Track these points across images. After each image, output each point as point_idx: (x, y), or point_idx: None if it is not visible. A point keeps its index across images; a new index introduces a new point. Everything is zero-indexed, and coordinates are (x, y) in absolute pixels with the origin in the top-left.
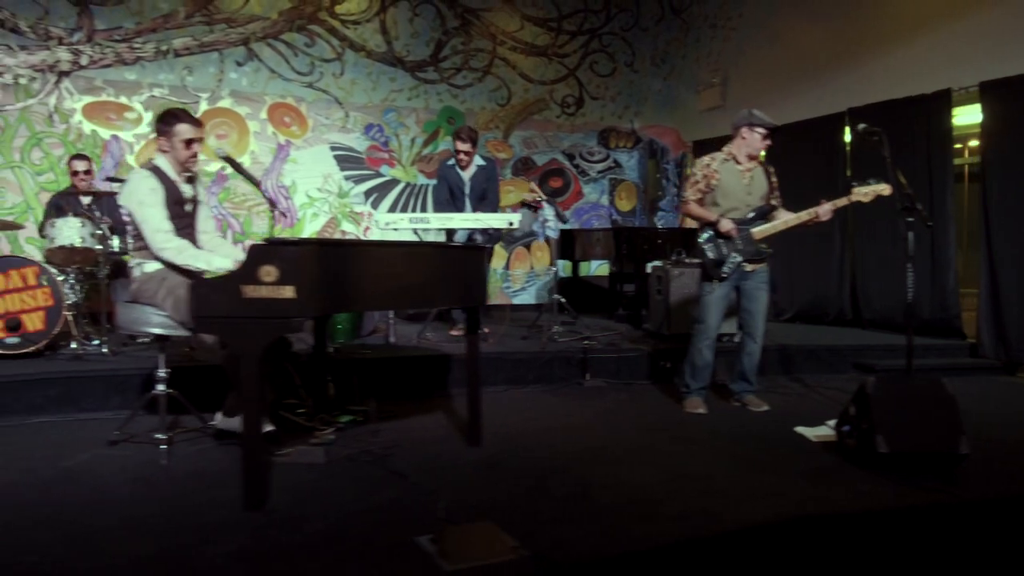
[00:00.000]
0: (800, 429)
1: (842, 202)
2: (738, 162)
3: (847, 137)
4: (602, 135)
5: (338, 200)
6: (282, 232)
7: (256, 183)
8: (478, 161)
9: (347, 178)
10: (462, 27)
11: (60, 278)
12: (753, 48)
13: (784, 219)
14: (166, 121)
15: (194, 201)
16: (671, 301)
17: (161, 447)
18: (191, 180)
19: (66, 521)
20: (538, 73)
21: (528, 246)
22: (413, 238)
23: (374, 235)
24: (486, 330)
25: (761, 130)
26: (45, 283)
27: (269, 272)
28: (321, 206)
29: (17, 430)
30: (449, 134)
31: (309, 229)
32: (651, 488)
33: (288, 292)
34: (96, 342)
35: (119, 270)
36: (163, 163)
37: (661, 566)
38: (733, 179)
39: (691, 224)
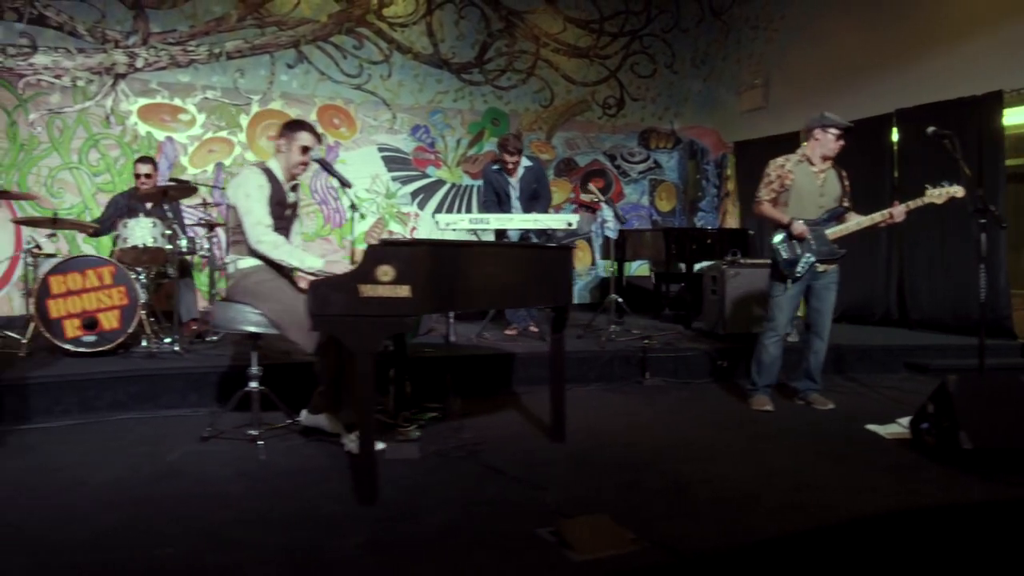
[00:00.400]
0: (872, 427)
1: (916, 203)
2: (812, 163)
3: (895, 137)
4: (643, 136)
5: (386, 200)
6: (330, 232)
7: (348, 185)
8: (525, 163)
9: (394, 179)
10: (506, 29)
11: (131, 277)
12: (796, 49)
13: (857, 220)
14: (291, 126)
15: (294, 208)
16: (727, 301)
17: (258, 443)
18: (294, 188)
19: (188, 515)
20: (580, 75)
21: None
22: (471, 239)
23: (421, 235)
24: (534, 328)
25: (834, 131)
26: (121, 282)
27: (386, 272)
28: (369, 206)
29: (104, 426)
30: (494, 135)
31: (357, 230)
32: (744, 483)
33: (404, 291)
34: (167, 340)
35: (184, 270)
36: (274, 165)
37: (773, 558)
38: (807, 180)
39: (731, 223)
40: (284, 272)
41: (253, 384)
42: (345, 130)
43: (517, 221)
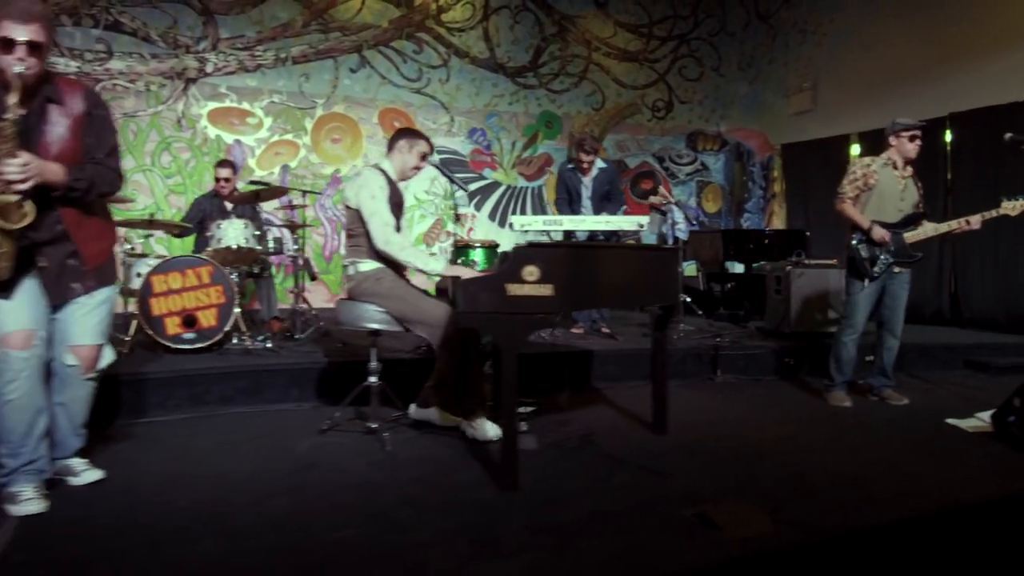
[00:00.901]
0: (952, 420)
1: (990, 215)
2: (896, 168)
3: (947, 138)
4: (690, 138)
5: (443, 202)
6: None
7: (464, 189)
8: (599, 164)
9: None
10: (559, 34)
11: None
12: (846, 53)
13: (934, 226)
14: (414, 134)
15: (402, 207)
16: (792, 300)
17: (384, 435)
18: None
19: (347, 501)
20: (630, 78)
21: None
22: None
23: (476, 236)
24: (606, 329)
25: (905, 133)
26: (218, 281)
27: (532, 272)
28: (428, 208)
29: (217, 420)
30: (547, 138)
31: (417, 230)
32: (850, 473)
33: (547, 290)
34: (260, 338)
35: (265, 269)
36: (388, 167)
37: (899, 538)
38: (890, 184)
39: (777, 224)
40: (400, 272)
41: (372, 379)
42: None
43: (589, 223)
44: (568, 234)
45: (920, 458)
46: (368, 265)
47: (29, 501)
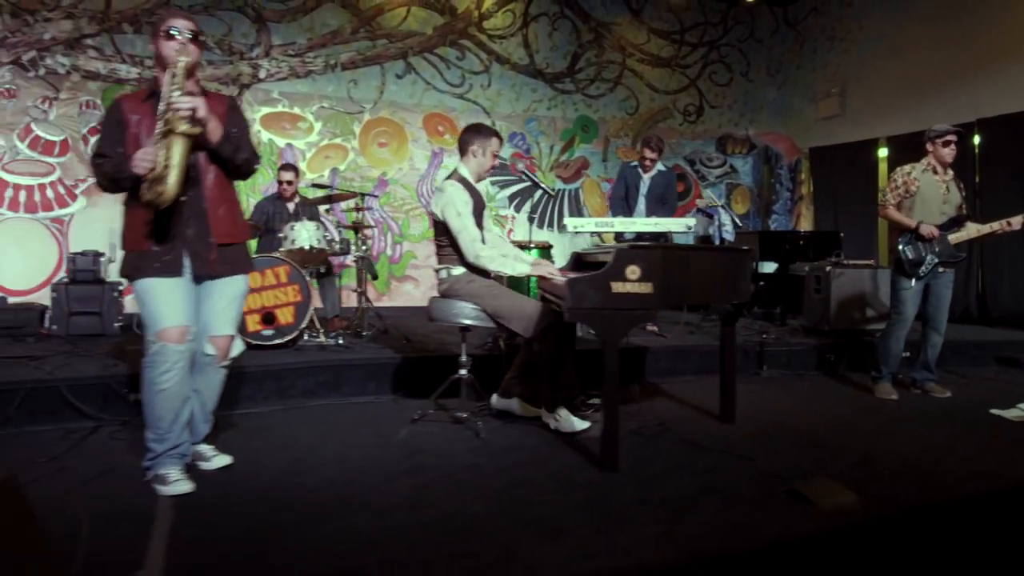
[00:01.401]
0: (995, 411)
1: None
2: (935, 172)
3: (976, 140)
4: (720, 142)
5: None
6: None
7: (550, 194)
8: (659, 167)
9: (493, 183)
10: (595, 40)
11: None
12: (874, 59)
13: (977, 228)
14: (484, 132)
15: (484, 207)
16: (832, 299)
17: (478, 423)
18: None
19: (466, 482)
20: (663, 83)
21: None
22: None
23: (516, 238)
24: (652, 327)
25: (939, 139)
26: (295, 281)
27: (634, 271)
28: None
29: (306, 411)
30: (584, 142)
31: None
32: (914, 457)
33: (647, 288)
34: (333, 335)
35: (329, 269)
36: (466, 172)
37: (974, 513)
38: (931, 188)
39: (804, 226)
40: (488, 272)
41: (463, 371)
42: (449, 137)
43: (640, 224)
44: (618, 235)
45: (974, 443)
46: (460, 270)
47: (178, 482)
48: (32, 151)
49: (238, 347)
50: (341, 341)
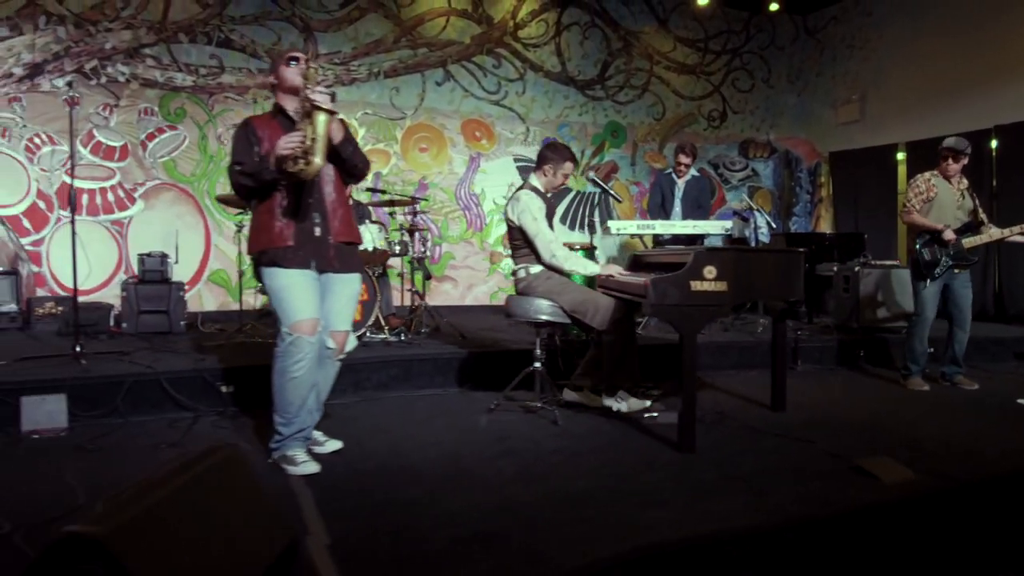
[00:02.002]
0: (1021, 400)
1: None
2: (948, 180)
3: (993, 144)
4: (742, 146)
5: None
6: (472, 236)
7: (619, 200)
8: (692, 172)
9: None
10: (624, 48)
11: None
12: (893, 67)
13: (999, 231)
14: (561, 154)
15: (554, 214)
16: (861, 298)
17: (555, 411)
18: None
19: (560, 462)
20: (688, 90)
21: None
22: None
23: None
24: None
25: (947, 155)
26: (363, 280)
27: (711, 271)
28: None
29: (383, 403)
30: (613, 147)
31: (495, 234)
32: (955, 440)
33: (723, 286)
34: (395, 331)
35: (385, 269)
36: (537, 183)
37: (1014, 487)
38: (947, 195)
39: (824, 227)
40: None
41: (537, 364)
42: (485, 142)
43: (678, 227)
44: (656, 237)
45: (1009, 427)
46: (538, 268)
47: (306, 463)
48: (94, 156)
49: (352, 342)
50: (403, 337)
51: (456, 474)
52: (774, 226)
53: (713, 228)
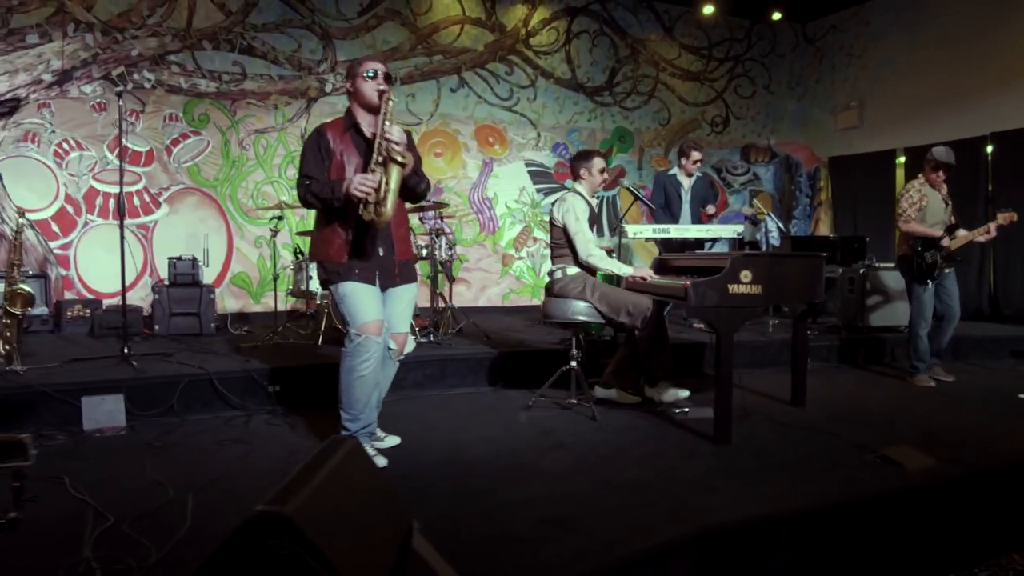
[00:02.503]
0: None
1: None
2: (935, 188)
3: (989, 150)
4: (743, 151)
5: (531, 210)
6: (484, 239)
7: (653, 208)
8: (697, 173)
9: (538, 190)
10: (631, 56)
11: None
12: (890, 75)
13: (966, 234)
14: (586, 156)
15: (596, 219)
16: (867, 299)
17: (593, 406)
18: None
19: (606, 453)
20: (692, 96)
21: None
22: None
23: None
24: (700, 325)
25: (937, 167)
26: None
27: (747, 275)
28: (517, 215)
29: (422, 400)
30: (621, 151)
31: (507, 236)
32: (969, 431)
33: (758, 289)
34: (424, 332)
35: None
36: (582, 189)
37: None
38: (936, 202)
39: (823, 230)
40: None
41: (573, 363)
42: (498, 147)
43: (692, 231)
44: (665, 240)
45: (1013, 420)
46: (574, 269)
47: (376, 456)
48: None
49: (411, 344)
50: (432, 338)
51: (517, 466)
52: (783, 230)
53: (725, 231)
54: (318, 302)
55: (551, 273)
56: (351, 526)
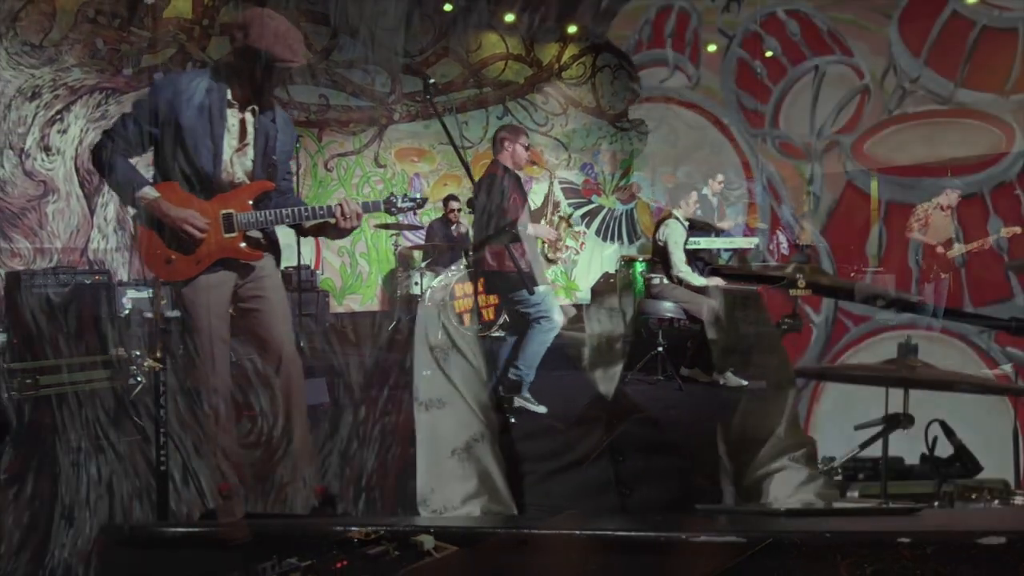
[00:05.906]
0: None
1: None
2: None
3: None
4: None
5: (563, 223)
6: None
7: (684, 226)
8: None
9: (569, 205)
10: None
11: None
12: None
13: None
14: (685, 190)
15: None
16: None
17: (675, 381)
18: None
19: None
20: (696, 122)
21: None
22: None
23: (588, 249)
24: None
25: None
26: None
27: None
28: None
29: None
30: (638, 170)
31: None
32: None
33: (809, 292)
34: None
35: None
36: (679, 215)
37: None
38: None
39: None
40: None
41: (660, 348)
42: (536, 168)
43: (704, 242)
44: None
45: None
46: (666, 279)
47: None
48: None
49: None
50: (500, 333)
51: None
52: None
53: (742, 243)
54: None
55: (649, 279)
56: None
